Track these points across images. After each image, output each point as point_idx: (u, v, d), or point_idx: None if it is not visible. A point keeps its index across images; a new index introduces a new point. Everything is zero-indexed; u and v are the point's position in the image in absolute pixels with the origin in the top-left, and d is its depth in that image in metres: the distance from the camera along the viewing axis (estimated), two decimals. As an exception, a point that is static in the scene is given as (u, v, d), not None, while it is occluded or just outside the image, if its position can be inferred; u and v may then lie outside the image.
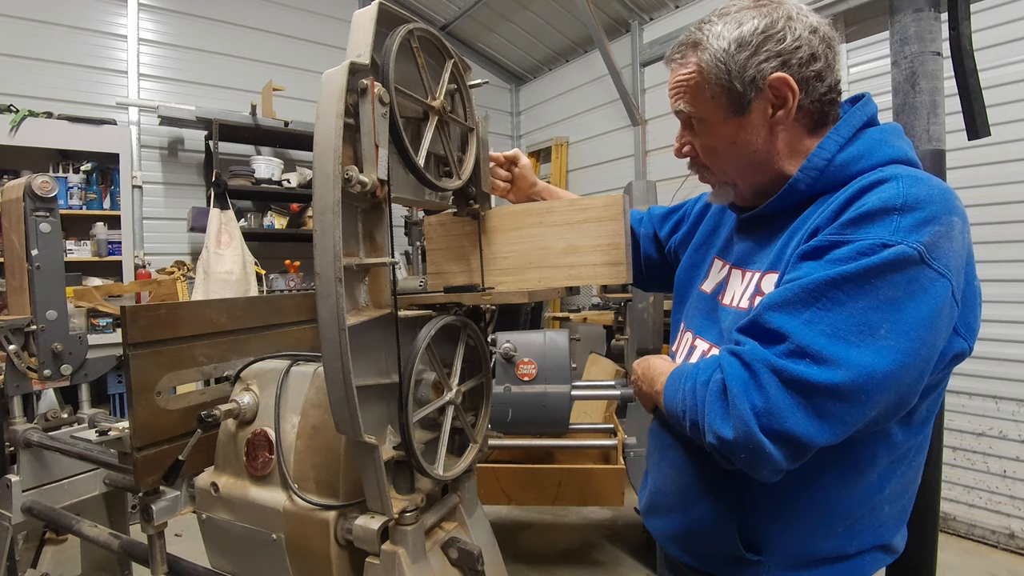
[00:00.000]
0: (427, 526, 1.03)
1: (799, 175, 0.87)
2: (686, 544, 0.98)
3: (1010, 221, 2.96)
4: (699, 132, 0.94)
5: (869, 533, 0.89)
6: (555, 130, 5.96)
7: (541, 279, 1.15)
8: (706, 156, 0.96)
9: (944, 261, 0.72)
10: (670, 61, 0.95)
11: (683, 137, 0.99)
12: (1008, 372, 2.99)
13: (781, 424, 0.71)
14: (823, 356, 0.70)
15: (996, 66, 2.95)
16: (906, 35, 1.39)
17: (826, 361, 0.70)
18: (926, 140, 1.37)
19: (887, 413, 0.75)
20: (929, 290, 0.71)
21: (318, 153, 0.86)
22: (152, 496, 1.23)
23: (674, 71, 0.94)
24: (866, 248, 0.72)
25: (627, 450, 2.62)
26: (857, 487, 0.86)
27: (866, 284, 0.71)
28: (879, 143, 0.85)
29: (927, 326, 0.71)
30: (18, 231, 1.61)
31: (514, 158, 1.32)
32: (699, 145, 0.96)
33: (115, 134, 3.96)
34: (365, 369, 0.93)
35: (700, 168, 1.00)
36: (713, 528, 0.91)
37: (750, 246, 0.97)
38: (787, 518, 0.87)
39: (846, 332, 0.71)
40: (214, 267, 3.96)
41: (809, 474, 0.83)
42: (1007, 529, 3.02)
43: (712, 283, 1.05)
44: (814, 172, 0.86)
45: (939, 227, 0.73)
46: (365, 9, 0.89)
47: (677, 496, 0.99)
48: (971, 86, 1.40)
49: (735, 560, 0.89)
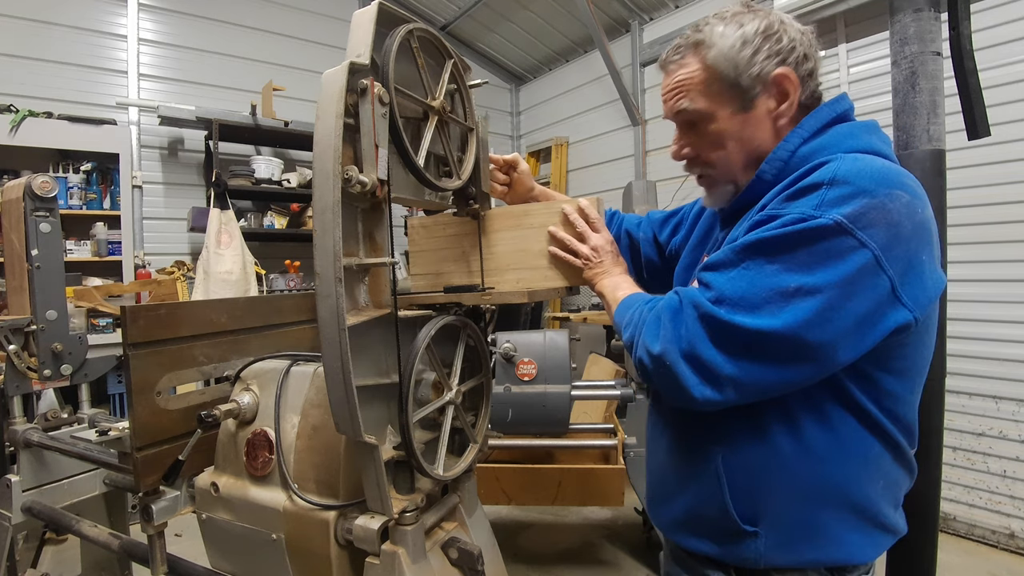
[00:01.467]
0: (427, 526, 1.03)
1: (765, 166, 0.93)
2: (690, 527, 0.99)
3: (1010, 221, 2.96)
4: (702, 131, 0.96)
5: (860, 510, 0.91)
6: (555, 130, 5.96)
7: (519, 280, 1.17)
8: (710, 154, 0.97)
9: (870, 231, 0.77)
10: (667, 63, 0.99)
11: (682, 139, 1.01)
12: (1008, 372, 2.99)
13: (692, 347, 0.82)
14: (737, 304, 0.81)
15: (996, 66, 2.94)
16: (906, 35, 1.39)
17: (737, 308, 0.81)
18: (926, 140, 1.37)
19: (800, 368, 0.82)
20: (846, 258, 0.77)
21: (318, 153, 0.86)
22: (152, 496, 1.23)
23: (671, 73, 0.97)
24: (789, 220, 0.80)
25: (627, 450, 2.61)
26: (839, 458, 0.89)
27: (784, 249, 0.80)
28: (845, 137, 0.90)
29: (839, 290, 0.77)
30: (18, 231, 1.61)
31: (513, 163, 1.33)
32: (703, 144, 0.98)
33: (115, 134, 3.96)
34: (365, 369, 0.93)
35: (702, 167, 1.01)
36: (710, 504, 0.94)
37: (727, 238, 1.02)
38: (774, 485, 0.90)
39: (760, 289, 0.80)
40: (214, 267, 3.96)
41: (787, 440, 0.89)
42: (1007, 529, 3.02)
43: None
44: (779, 163, 0.92)
45: (868, 200, 0.78)
46: (365, 9, 0.89)
47: (675, 479, 1.02)
48: (971, 86, 1.40)
49: (735, 534, 0.92)
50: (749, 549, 0.91)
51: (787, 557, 0.91)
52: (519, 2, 5.23)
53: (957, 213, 2.68)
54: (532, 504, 3.14)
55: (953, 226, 1.50)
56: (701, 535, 0.97)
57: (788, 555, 0.91)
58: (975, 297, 3.06)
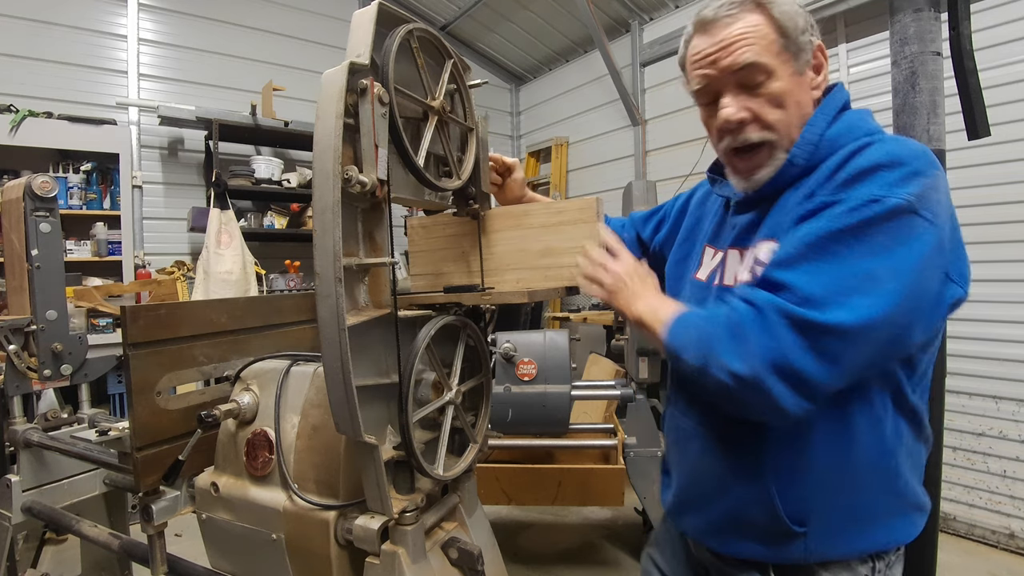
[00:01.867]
0: (427, 526, 1.03)
1: (796, 150, 0.91)
2: (730, 531, 0.96)
3: (1010, 221, 2.96)
4: (762, 90, 0.90)
5: (898, 492, 0.92)
6: (555, 130, 5.96)
7: (519, 280, 1.17)
8: (770, 114, 0.90)
9: (934, 209, 0.79)
10: (717, 19, 0.91)
11: (737, 101, 0.91)
12: (1008, 372, 2.99)
13: (789, 362, 0.76)
14: (826, 301, 0.76)
15: (996, 66, 2.94)
16: (906, 35, 1.39)
17: (828, 305, 0.76)
18: (926, 140, 1.37)
19: (884, 353, 0.82)
20: (920, 236, 0.77)
21: (318, 153, 0.86)
22: (152, 496, 1.23)
23: (726, 26, 0.90)
24: (858, 204, 0.78)
25: (627, 450, 2.61)
26: (880, 442, 0.89)
27: (861, 235, 0.77)
28: (859, 120, 0.93)
29: (918, 269, 0.78)
30: (18, 231, 1.61)
31: (511, 167, 1.33)
32: (761, 105, 0.91)
33: (115, 134, 3.95)
34: (365, 369, 0.93)
35: (761, 130, 0.92)
36: (756, 506, 0.91)
37: (747, 225, 0.99)
38: (823, 481, 0.89)
39: (846, 279, 0.77)
40: (214, 267, 3.96)
41: (834, 430, 0.88)
42: (1007, 529, 3.02)
43: (707, 270, 1.07)
44: (809, 147, 0.91)
45: (926, 179, 0.79)
46: (365, 9, 0.89)
47: (713, 483, 0.98)
48: (971, 86, 1.40)
49: (782, 535, 0.90)
50: (797, 548, 0.90)
51: (834, 551, 0.90)
52: (519, 2, 5.23)
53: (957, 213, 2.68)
54: (532, 504, 3.14)
55: (953, 226, 1.50)
56: (744, 538, 0.95)
57: (835, 549, 0.90)
58: (975, 297, 3.02)
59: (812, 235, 0.80)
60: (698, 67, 0.94)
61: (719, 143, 0.98)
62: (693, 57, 0.95)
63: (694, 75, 0.95)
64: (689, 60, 0.97)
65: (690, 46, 0.97)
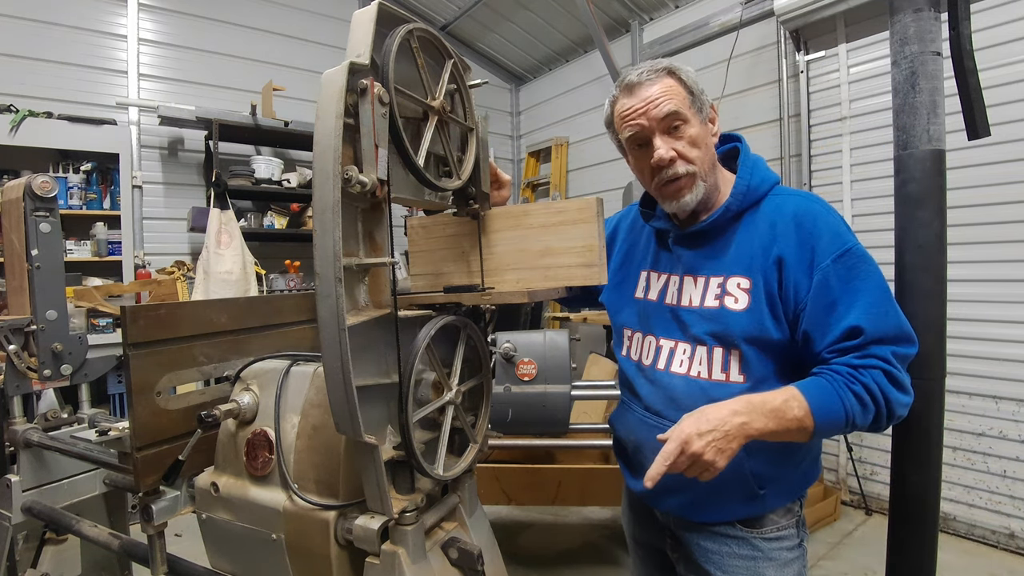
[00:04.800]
0: (427, 526, 1.03)
1: (731, 200, 1.17)
2: (710, 503, 1.17)
3: (1010, 221, 2.96)
4: (681, 134, 1.14)
5: (815, 452, 1.24)
6: (555, 130, 5.96)
7: (519, 280, 1.17)
8: (691, 152, 1.14)
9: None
10: (641, 83, 1.14)
11: (666, 143, 1.15)
12: (1008, 372, 2.99)
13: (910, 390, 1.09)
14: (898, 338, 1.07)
15: (996, 66, 2.94)
16: (906, 35, 1.39)
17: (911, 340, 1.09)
18: (926, 140, 1.37)
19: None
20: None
21: (318, 153, 0.86)
22: (152, 496, 1.23)
23: (651, 85, 1.14)
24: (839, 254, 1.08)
25: (627, 450, 2.61)
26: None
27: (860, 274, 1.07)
28: (764, 171, 1.20)
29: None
30: (18, 231, 1.61)
31: (504, 184, 1.30)
32: (683, 146, 1.14)
33: (115, 134, 3.96)
34: (365, 369, 0.93)
35: (686, 164, 1.15)
36: (734, 482, 1.12)
37: (698, 256, 1.20)
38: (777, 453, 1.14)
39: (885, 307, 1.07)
40: (214, 267, 3.96)
41: None
42: (1007, 529, 3.02)
43: (655, 291, 1.27)
44: (740, 196, 1.17)
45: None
46: (365, 9, 0.89)
47: None
48: (971, 86, 1.40)
49: (749, 498, 1.15)
50: (757, 505, 1.16)
51: (784, 500, 1.19)
52: (519, 2, 5.23)
53: (957, 213, 2.68)
54: (532, 504, 3.14)
55: (953, 226, 1.50)
56: (721, 506, 1.17)
57: (784, 499, 1.19)
58: (975, 297, 3.06)
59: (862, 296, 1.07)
60: (630, 119, 1.15)
61: (652, 180, 1.19)
62: (623, 113, 1.17)
63: (627, 126, 1.16)
64: (618, 116, 1.19)
65: (617, 105, 1.19)
